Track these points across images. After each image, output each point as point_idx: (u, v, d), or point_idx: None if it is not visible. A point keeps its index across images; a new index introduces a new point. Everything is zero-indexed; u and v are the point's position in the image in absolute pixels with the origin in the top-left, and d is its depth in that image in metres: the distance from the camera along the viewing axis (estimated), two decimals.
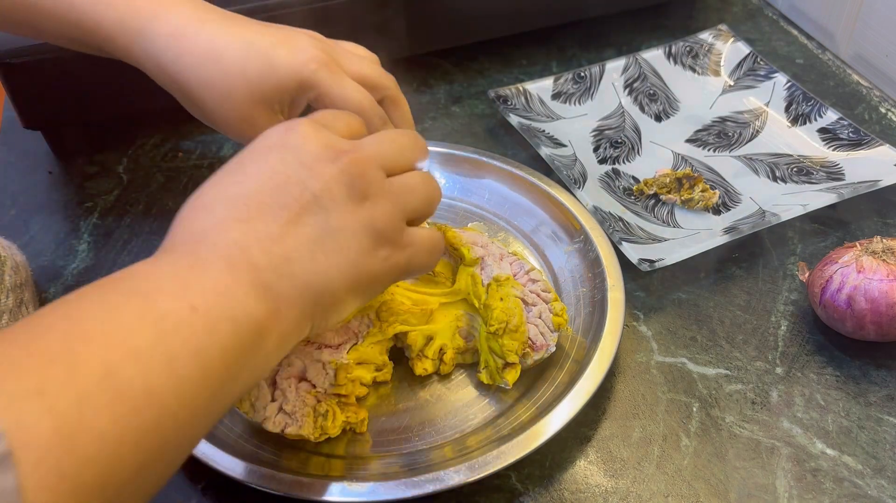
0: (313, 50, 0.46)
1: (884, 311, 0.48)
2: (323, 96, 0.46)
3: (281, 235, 0.36)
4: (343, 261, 0.37)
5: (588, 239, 0.54)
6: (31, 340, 0.29)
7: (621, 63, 0.71)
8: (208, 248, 0.35)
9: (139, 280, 0.33)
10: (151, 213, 0.63)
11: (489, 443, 0.44)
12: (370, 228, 0.38)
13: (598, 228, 0.55)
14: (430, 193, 0.42)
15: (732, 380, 0.50)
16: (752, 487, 0.45)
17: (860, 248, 0.50)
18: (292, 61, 0.46)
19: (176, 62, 0.46)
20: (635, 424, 0.48)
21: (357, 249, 0.38)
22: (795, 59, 0.75)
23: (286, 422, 0.44)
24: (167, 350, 0.30)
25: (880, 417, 0.48)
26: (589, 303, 0.52)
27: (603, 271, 0.52)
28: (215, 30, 0.46)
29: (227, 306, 0.33)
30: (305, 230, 0.36)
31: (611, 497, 0.44)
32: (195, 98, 0.47)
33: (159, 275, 0.34)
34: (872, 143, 0.62)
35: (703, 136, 0.67)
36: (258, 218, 0.36)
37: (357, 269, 0.38)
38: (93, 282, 0.33)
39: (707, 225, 0.58)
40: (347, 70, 0.47)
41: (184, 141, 0.69)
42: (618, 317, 0.49)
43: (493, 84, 0.72)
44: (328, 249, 0.37)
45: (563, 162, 0.62)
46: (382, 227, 0.38)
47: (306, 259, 0.36)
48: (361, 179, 0.38)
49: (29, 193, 0.65)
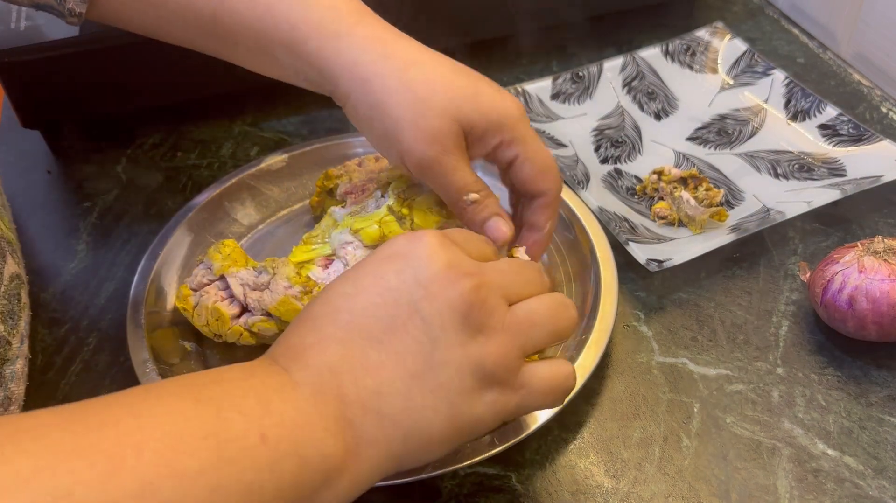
0: (517, 98, 0.46)
1: (885, 311, 0.48)
2: (519, 143, 0.45)
3: (378, 364, 0.33)
4: (441, 402, 0.34)
5: (586, 237, 0.54)
6: (91, 430, 0.28)
7: (619, 62, 0.71)
8: (301, 367, 0.33)
9: (224, 387, 0.32)
10: (150, 212, 0.63)
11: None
12: (479, 368, 0.34)
13: (596, 226, 0.55)
14: (560, 325, 0.38)
15: (733, 380, 0.50)
16: (754, 488, 0.44)
17: (861, 247, 0.50)
18: (498, 98, 0.45)
19: (377, 63, 0.45)
20: (636, 425, 0.48)
21: (459, 390, 0.34)
22: (796, 58, 0.74)
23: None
24: (216, 479, 0.28)
25: (881, 418, 0.47)
26: (583, 303, 0.52)
27: (598, 269, 0.52)
28: (422, 46, 0.46)
29: (300, 442, 0.31)
30: (405, 360, 0.34)
31: (611, 498, 0.44)
32: (386, 102, 0.44)
33: (246, 388, 0.32)
34: (873, 138, 0.62)
35: (703, 134, 0.66)
36: (358, 341, 0.34)
37: (456, 411, 0.34)
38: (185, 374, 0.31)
39: (712, 224, 0.58)
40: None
41: (183, 140, 0.69)
42: (609, 315, 0.49)
43: None
44: (426, 387, 0.34)
45: (566, 163, 0.62)
46: (493, 367, 0.35)
47: (400, 395, 0.33)
48: (479, 309, 0.35)
49: (27, 193, 0.65)
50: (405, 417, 0.33)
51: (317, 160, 0.62)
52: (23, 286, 0.48)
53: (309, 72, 0.47)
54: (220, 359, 0.51)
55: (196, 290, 0.50)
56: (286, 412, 0.31)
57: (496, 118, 0.45)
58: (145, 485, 0.27)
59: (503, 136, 0.45)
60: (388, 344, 0.34)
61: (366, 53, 0.45)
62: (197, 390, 0.31)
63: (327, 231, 0.52)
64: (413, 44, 0.46)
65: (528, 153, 0.46)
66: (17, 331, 0.45)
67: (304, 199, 0.61)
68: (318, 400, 0.32)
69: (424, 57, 0.45)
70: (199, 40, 0.49)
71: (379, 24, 0.47)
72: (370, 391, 0.33)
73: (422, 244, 0.35)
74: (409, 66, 0.45)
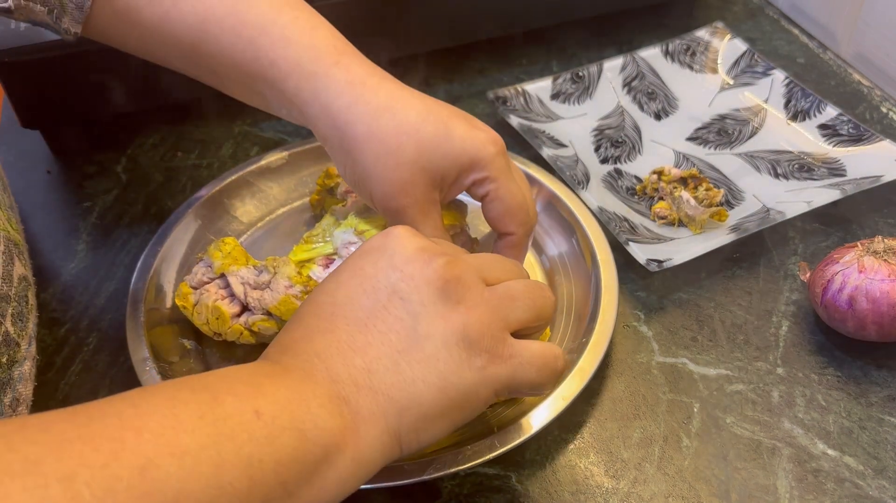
0: (493, 133, 0.45)
1: (885, 311, 0.48)
2: (491, 181, 0.45)
3: (364, 345, 0.35)
4: (431, 373, 0.35)
5: (586, 237, 0.54)
6: (93, 420, 0.29)
7: (619, 62, 0.71)
8: (290, 357, 0.35)
9: (216, 378, 0.33)
10: (150, 212, 0.63)
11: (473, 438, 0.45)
12: (463, 337, 0.35)
13: (596, 226, 0.55)
14: (538, 302, 0.39)
15: (733, 380, 0.50)
16: (754, 488, 0.44)
17: (861, 247, 0.50)
18: (471, 136, 0.45)
19: (349, 109, 0.44)
20: (636, 425, 0.48)
21: (447, 359, 0.35)
22: (796, 58, 0.74)
23: None
24: (216, 454, 0.29)
25: (881, 418, 0.47)
26: (583, 303, 0.52)
27: (598, 270, 0.52)
28: (395, 88, 0.45)
29: (295, 416, 0.32)
30: (390, 338, 0.35)
31: (611, 498, 0.44)
32: (356, 150, 0.45)
33: (236, 376, 0.33)
34: (873, 138, 0.62)
35: (703, 134, 0.66)
36: (343, 328, 0.35)
37: (446, 382, 0.35)
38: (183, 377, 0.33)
39: (712, 224, 0.58)
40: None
41: (183, 140, 0.69)
42: (610, 317, 0.49)
43: (493, 84, 0.72)
44: (413, 359, 0.35)
45: (566, 163, 0.62)
46: (477, 336, 0.36)
47: (389, 371, 0.34)
48: (455, 283, 0.36)
49: (27, 193, 0.65)
50: (397, 391, 0.34)
51: (317, 158, 0.62)
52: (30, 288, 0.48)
53: (291, 109, 0.47)
54: (220, 358, 0.51)
55: (196, 288, 0.50)
56: (279, 392, 0.33)
57: (467, 161, 0.44)
58: (147, 463, 0.28)
59: (475, 175, 0.45)
60: (373, 326, 0.35)
61: (340, 97, 0.45)
62: (192, 382, 0.33)
63: (328, 230, 0.52)
64: (387, 87, 0.45)
65: (498, 192, 0.45)
66: (26, 332, 0.45)
67: (304, 197, 0.61)
68: (308, 380, 0.34)
69: (397, 103, 0.44)
70: (182, 66, 0.49)
71: (355, 64, 0.46)
72: (360, 369, 0.34)
73: (392, 235, 0.38)
74: (380, 114, 0.44)
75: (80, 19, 0.47)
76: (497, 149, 0.45)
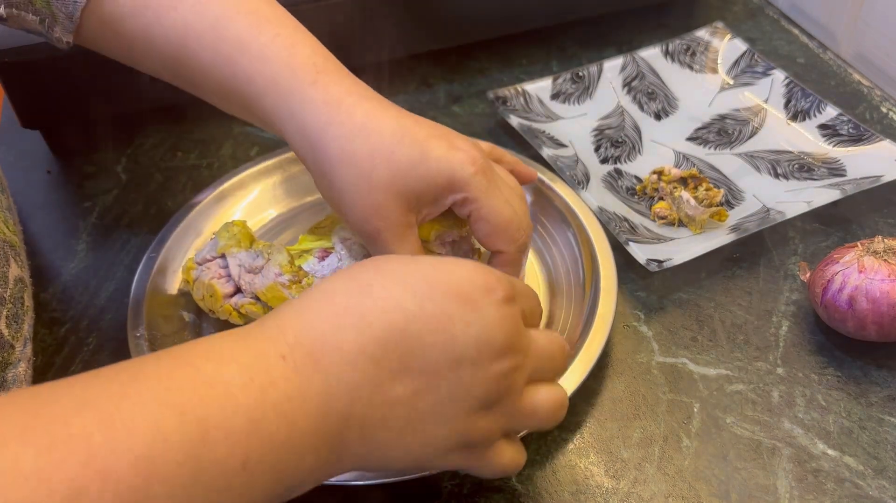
0: (473, 151, 0.44)
1: (885, 311, 0.48)
2: (472, 202, 0.44)
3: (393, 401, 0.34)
4: (414, 449, 0.35)
5: (586, 237, 0.54)
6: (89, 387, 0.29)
7: (619, 62, 0.71)
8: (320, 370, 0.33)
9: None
10: (150, 212, 0.63)
11: None
12: (463, 439, 0.35)
13: (596, 226, 0.55)
14: (548, 423, 0.39)
15: (733, 380, 0.50)
16: (754, 488, 0.44)
17: (861, 247, 0.50)
18: (448, 157, 0.43)
19: (324, 130, 0.44)
20: (636, 425, 0.48)
21: (436, 448, 0.35)
22: (796, 58, 0.74)
23: None
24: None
25: (881, 418, 0.47)
26: (581, 302, 0.52)
27: (598, 270, 0.52)
28: (372, 108, 0.44)
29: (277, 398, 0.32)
30: (417, 405, 0.34)
31: (611, 498, 0.44)
32: (331, 172, 0.44)
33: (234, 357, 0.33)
34: (873, 138, 0.62)
35: (703, 134, 0.66)
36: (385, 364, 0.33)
37: (420, 461, 0.36)
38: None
39: (712, 224, 0.58)
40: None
41: (183, 140, 0.69)
42: (609, 317, 0.49)
43: (493, 84, 0.72)
44: (416, 440, 0.35)
45: (566, 163, 0.62)
46: (475, 441, 0.36)
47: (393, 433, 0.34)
48: (504, 394, 0.36)
49: (27, 193, 0.65)
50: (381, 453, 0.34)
51: None
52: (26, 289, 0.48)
53: (269, 125, 0.47)
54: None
55: (200, 264, 0.51)
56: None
57: (444, 181, 0.43)
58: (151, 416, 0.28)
59: (455, 196, 0.44)
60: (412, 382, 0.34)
61: (315, 118, 0.44)
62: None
63: (335, 222, 0.52)
64: (364, 106, 0.44)
65: (480, 212, 0.44)
66: (21, 334, 0.45)
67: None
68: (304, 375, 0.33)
69: (372, 124, 0.43)
70: (166, 76, 0.49)
71: (334, 83, 0.45)
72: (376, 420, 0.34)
73: (496, 303, 0.35)
74: (353, 136, 0.43)
75: (70, 29, 0.47)
76: (476, 168, 0.44)
